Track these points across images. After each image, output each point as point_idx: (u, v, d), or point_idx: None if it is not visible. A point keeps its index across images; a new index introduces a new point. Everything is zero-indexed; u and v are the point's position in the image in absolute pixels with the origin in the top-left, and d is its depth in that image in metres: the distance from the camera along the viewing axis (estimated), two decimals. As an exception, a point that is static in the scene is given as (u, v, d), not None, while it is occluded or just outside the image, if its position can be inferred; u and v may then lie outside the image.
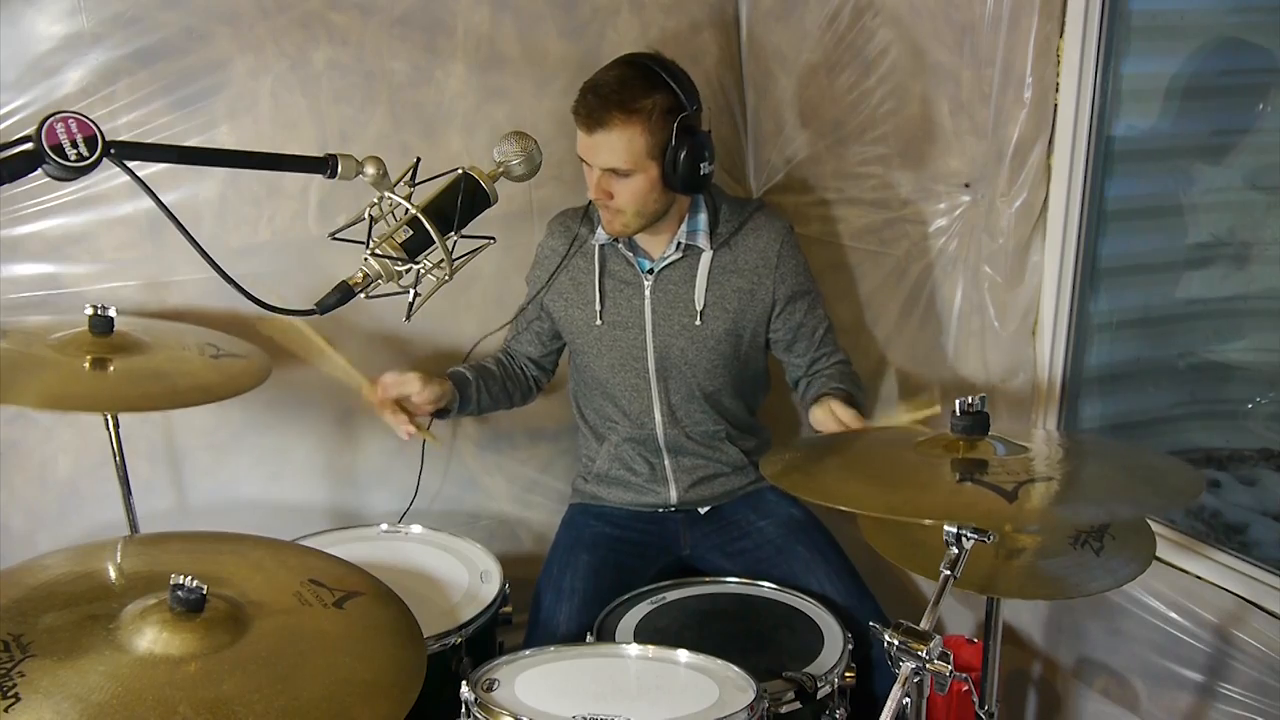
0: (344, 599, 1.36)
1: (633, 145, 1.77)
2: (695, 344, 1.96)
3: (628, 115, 1.76)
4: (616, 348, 1.98)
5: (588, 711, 1.40)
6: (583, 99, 1.79)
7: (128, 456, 1.85)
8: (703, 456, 2.05)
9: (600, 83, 1.79)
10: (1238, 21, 1.91)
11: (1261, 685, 1.63)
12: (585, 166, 1.85)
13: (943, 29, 1.96)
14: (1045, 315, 1.92)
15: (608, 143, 1.77)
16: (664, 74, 1.80)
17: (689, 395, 2.00)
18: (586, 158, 1.82)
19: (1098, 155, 1.83)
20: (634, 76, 1.79)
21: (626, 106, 1.76)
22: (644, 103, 1.76)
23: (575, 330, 2.02)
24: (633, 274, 1.96)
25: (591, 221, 2.00)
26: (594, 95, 1.78)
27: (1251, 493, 1.89)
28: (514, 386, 2.10)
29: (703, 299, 1.94)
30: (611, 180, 1.81)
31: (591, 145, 1.80)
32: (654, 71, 1.80)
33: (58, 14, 1.91)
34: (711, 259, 1.93)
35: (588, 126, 1.78)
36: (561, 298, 2.03)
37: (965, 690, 1.37)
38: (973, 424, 1.43)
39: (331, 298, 1.25)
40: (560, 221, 2.07)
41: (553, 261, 2.03)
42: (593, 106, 1.77)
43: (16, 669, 1.11)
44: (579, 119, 1.80)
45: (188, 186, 2.05)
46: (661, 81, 1.79)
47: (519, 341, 2.13)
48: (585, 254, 2.00)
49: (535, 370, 2.14)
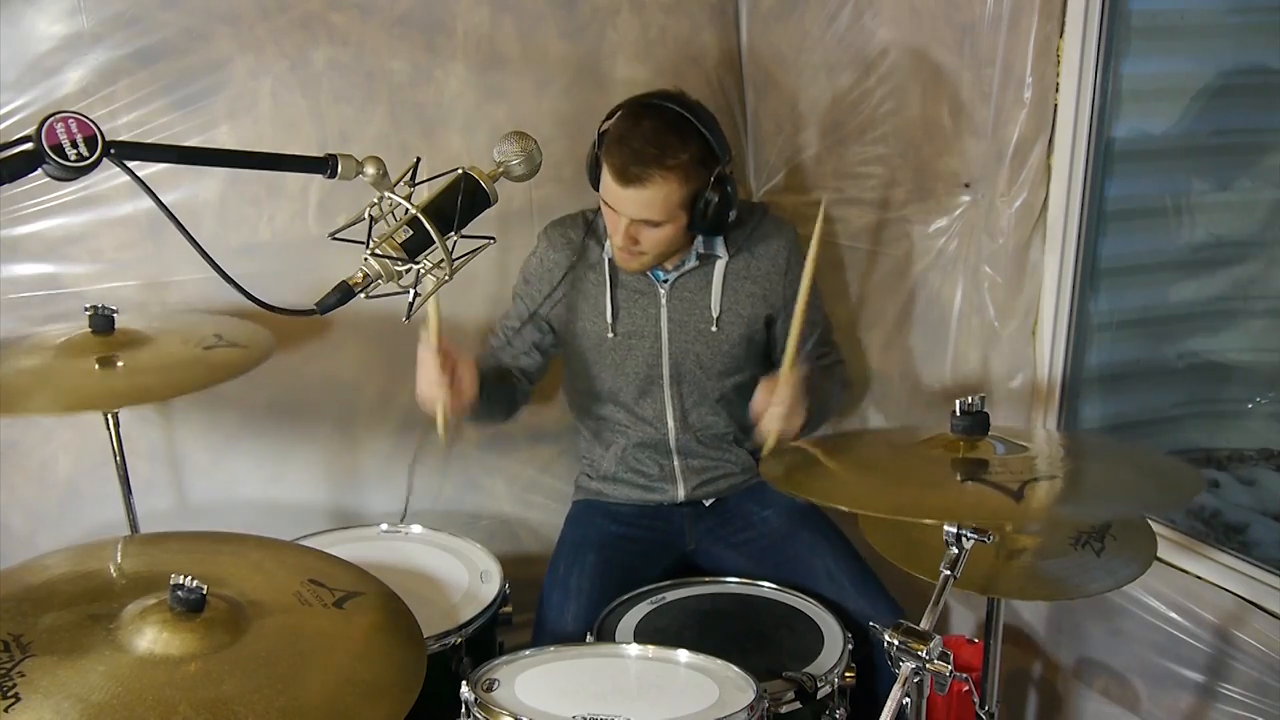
0: (344, 599, 1.36)
1: (668, 200, 1.75)
2: (710, 349, 1.96)
3: (666, 172, 1.73)
4: (631, 357, 1.98)
5: (588, 711, 1.40)
6: (617, 153, 1.74)
7: (128, 456, 1.85)
8: (711, 458, 2.06)
9: (636, 137, 1.73)
10: (1238, 22, 1.91)
11: (1261, 685, 1.63)
12: (608, 210, 1.82)
13: (943, 29, 1.96)
14: (1045, 315, 1.92)
15: (642, 198, 1.74)
16: (696, 121, 1.76)
17: (702, 399, 2.01)
18: (616, 207, 1.78)
19: (1098, 155, 1.83)
20: (669, 128, 1.74)
21: (664, 164, 1.72)
22: (681, 157, 1.73)
23: (585, 343, 1.99)
24: (647, 284, 1.95)
25: (596, 233, 1.97)
26: (630, 151, 1.72)
27: (1251, 493, 1.89)
28: (506, 395, 2.02)
29: (719, 305, 1.94)
30: (640, 228, 1.79)
31: (624, 198, 1.76)
32: (687, 121, 1.76)
33: (58, 14, 1.91)
34: (726, 266, 1.94)
35: (623, 181, 1.74)
36: (569, 311, 1.99)
37: (965, 690, 1.37)
38: (973, 424, 1.44)
39: (331, 298, 1.25)
40: (559, 233, 2.01)
41: (554, 275, 1.98)
42: (629, 163, 1.72)
43: (16, 669, 1.11)
44: (612, 171, 1.75)
45: (188, 186, 2.05)
46: (695, 131, 1.76)
47: (510, 354, 2.04)
48: (592, 266, 1.97)
49: (526, 382, 2.07)
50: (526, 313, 2.02)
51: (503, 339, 2.06)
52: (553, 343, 2.06)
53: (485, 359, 2.03)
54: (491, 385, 1.91)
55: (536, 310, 2.00)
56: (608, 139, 1.78)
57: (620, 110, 1.81)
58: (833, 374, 2.05)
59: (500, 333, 2.07)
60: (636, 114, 1.78)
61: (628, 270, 1.91)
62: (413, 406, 2.33)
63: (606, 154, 1.77)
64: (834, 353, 2.07)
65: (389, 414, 2.33)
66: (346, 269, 1.28)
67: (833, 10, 2.19)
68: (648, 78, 2.36)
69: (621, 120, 1.79)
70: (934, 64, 2.00)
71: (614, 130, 1.78)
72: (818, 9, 2.23)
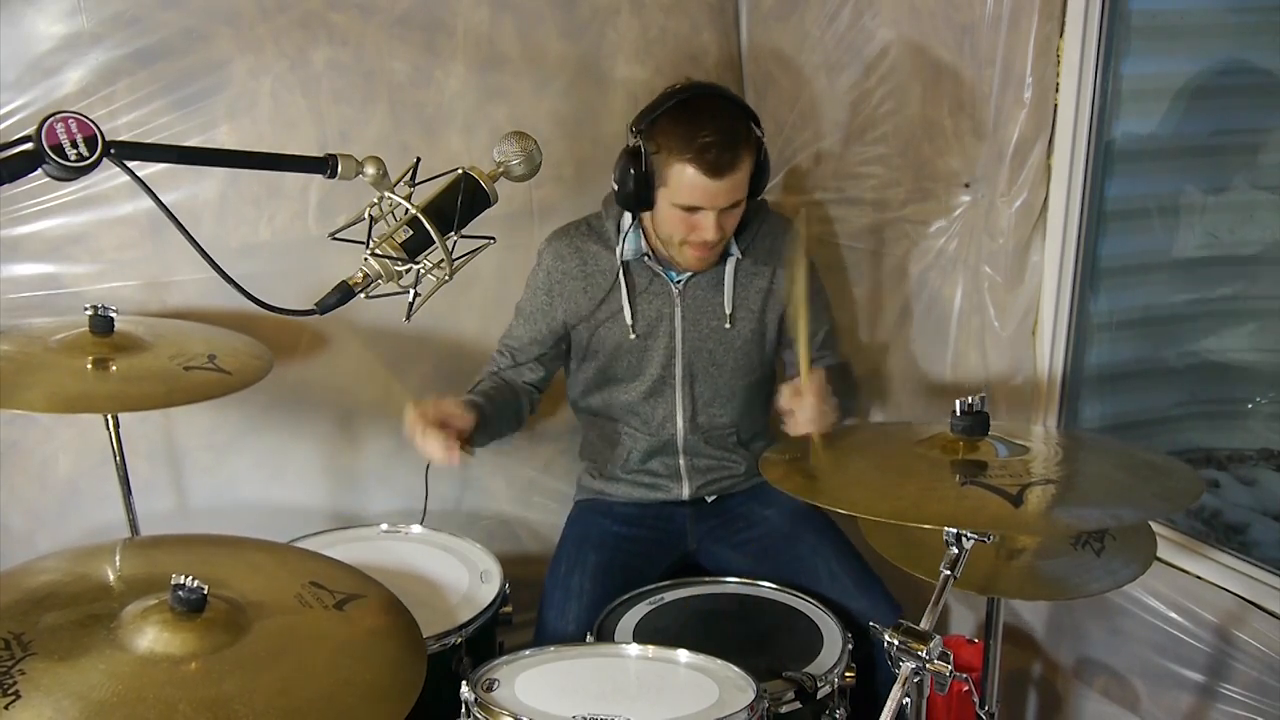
0: (344, 601, 1.36)
1: (747, 175, 1.79)
2: (723, 346, 1.97)
3: (748, 147, 1.77)
4: (648, 358, 1.98)
5: (588, 711, 1.40)
6: (701, 151, 1.72)
7: (128, 456, 1.85)
8: (716, 457, 2.07)
9: (708, 129, 1.73)
10: (1238, 22, 1.91)
11: (1261, 685, 1.63)
12: (686, 214, 1.79)
13: (943, 29, 1.96)
14: (1045, 315, 1.92)
15: (735, 181, 1.76)
16: (729, 95, 1.82)
17: (713, 398, 2.01)
18: (708, 203, 1.77)
19: (1098, 155, 1.84)
20: (724, 110, 1.77)
21: (744, 142, 1.76)
22: (748, 130, 1.77)
23: (604, 348, 1.98)
24: (661, 284, 1.95)
25: (603, 239, 1.95)
26: (714, 144, 1.72)
27: (1251, 493, 1.89)
28: (510, 413, 1.98)
29: (731, 302, 1.94)
30: (728, 215, 1.81)
31: (718, 190, 1.75)
32: (728, 98, 1.81)
33: (58, 14, 1.91)
34: (737, 263, 1.94)
35: (717, 174, 1.73)
36: (588, 319, 1.96)
37: (965, 690, 1.37)
38: (973, 424, 1.43)
39: (331, 298, 1.25)
40: (567, 243, 1.97)
41: (566, 285, 1.96)
42: (721, 152, 1.72)
43: (17, 667, 1.11)
44: (704, 169, 1.72)
45: (188, 186, 2.05)
46: (735, 103, 1.81)
47: (516, 372, 2.02)
48: (604, 272, 1.95)
49: (535, 393, 2.05)
50: (535, 329, 2.00)
51: (509, 358, 2.03)
52: (561, 353, 2.05)
53: (485, 380, 2.00)
54: (493, 411, 1.88)
55: (552, 324, 1.98)
56: (670, 147, 1.75)
57: (656, 119, 1.78)
58: (846, 375, 2.04)
59: (506, 352, 2.04)
60: (687, 113, 1.76)
61: (700, 269, 1.91)
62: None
63: (684, 157, 1.73)
64: (836, 356, 2.07)
65: (389, 414, 2.32)
66: (346, 269, 1.28)
67: (833, 10, 2.19)
68: (648, 78, 2.36)
69: (674, 124, 1.76)
70: (934, 64, 2.00)
71: (673, 137, 1.75)
72: (818, 9, 2.23)
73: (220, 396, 1.74)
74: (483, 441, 1.86)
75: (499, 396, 1.95)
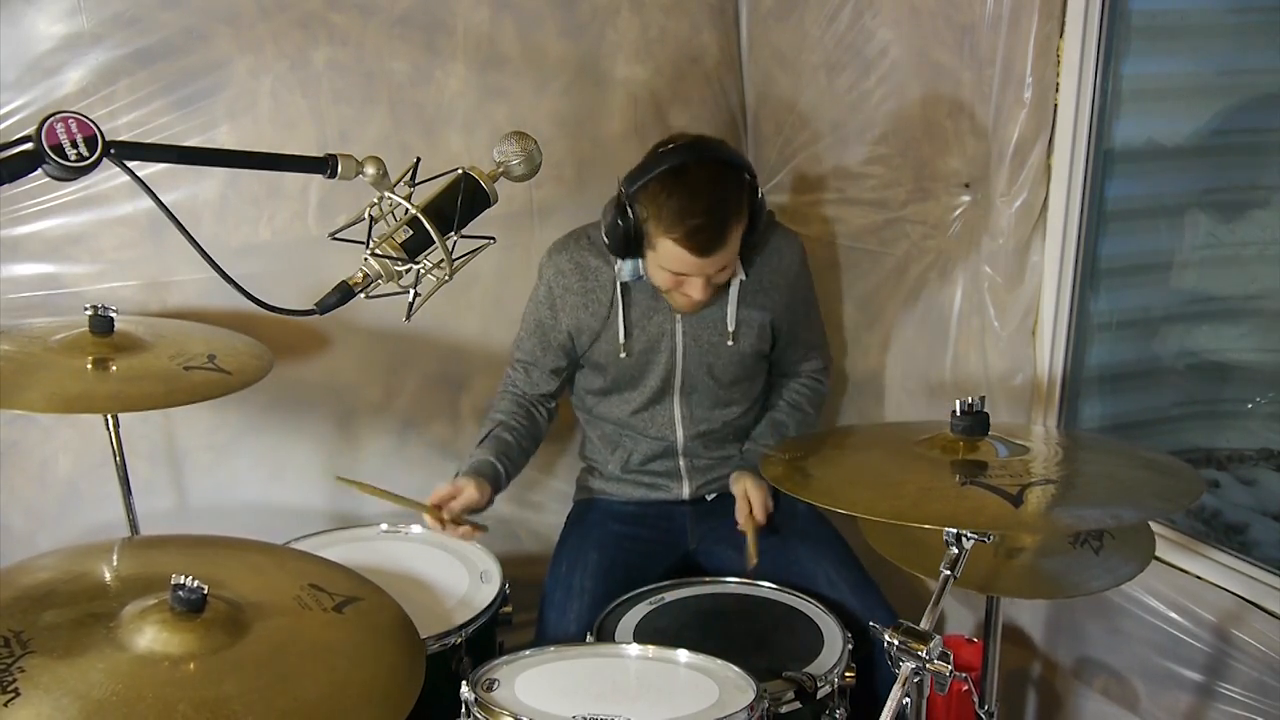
0: (344, 604, 1.36)
1: (738, 239, 1.78)
2: (722, 361, 1.97)
3: (735, 224, 1.75)
4: (646, 373, 1.98)
5: (588, 711, 1.40)
6: (687, 231, 1.70)
7: (128, 456, 1.85)
8: (715, 457, 2.07)
9: (698, 211, 1.70)
10: (1238, 21, 1.91)
11: (1261, 685, 1.63)
12: (673, 276, 1.79)
13: (943, 29, 1.96)
14: (1045, 315, 1.92)
15: (722, 257, 1.76)
16: (724, 159, 1.75)
17: (711, 406, 2.02)
18: (692, 273, 1.76)
19: (1098, 155, 1.83)
20: (717, 185, 1.73)
21: (732, 220, 1.73)
22: (738, 204, 1.74)
23: (600, 362, 1.99)
24: (661, 301, 1.93)
25: (603, 253, 1.93)
26: (701, 226, 1.70)
27: (1251, 493, 1.89)
28: (529, 443, 2.01)
29: (734, 320, 1.94)
30: (718, 274, 1.81)
31: (703, 265, 1.74)
32: (723, 167, 1.74)
33: (58, 14, 1.91)
34: (741, 282, 1.93)
35: (706, 253, 1.72)
36: (588, 331, 1.96)
37: (965, 690, 1.37)
38: (973, 424, 1.43)
39: (331, 298, 1.25)
40: (568, 257, 1.95)
41: (567, 300, 1.95)
42: (707, 234, 1.71)
43: (16, 664, 1.11)
44: (690, 248, 1.71)
45: (188, 186, 2.05)
46: (729, 170, 1.75)
47: (532, 384, 2.03)
48: (604, 287, 1.94)
49: (551, 403, 2.07)
50: (543, 341, 2.00)
51: (523, 373, 2.04)
52: (571, 363, 2.04)
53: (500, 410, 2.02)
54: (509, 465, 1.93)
55: (559, 336, 1.98)
56: (659, 219, 1.72)
57: (647, 182, 1.74)
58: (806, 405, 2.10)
59: (519, 367, 2.05)
60: (677, 184, 1.72)
61: (685, 312, 1.92)
62: (413, 406, 2.35)
63: (671, 235, 1.71)
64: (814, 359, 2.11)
65: (389, 414, 2.33)
66: (346, 269, 1.28)
67: (833, 10, 2.19)
68: (648, 78, 2.36)
69: (665, 195, 1.72)
70: (934, 64, 2.00)
71: (663, 209, 1.72)
72: (818, 9, 2.23)
73: (220, 396, 1.74)
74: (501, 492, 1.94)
75: (514, 436, 1.97)
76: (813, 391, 2.10)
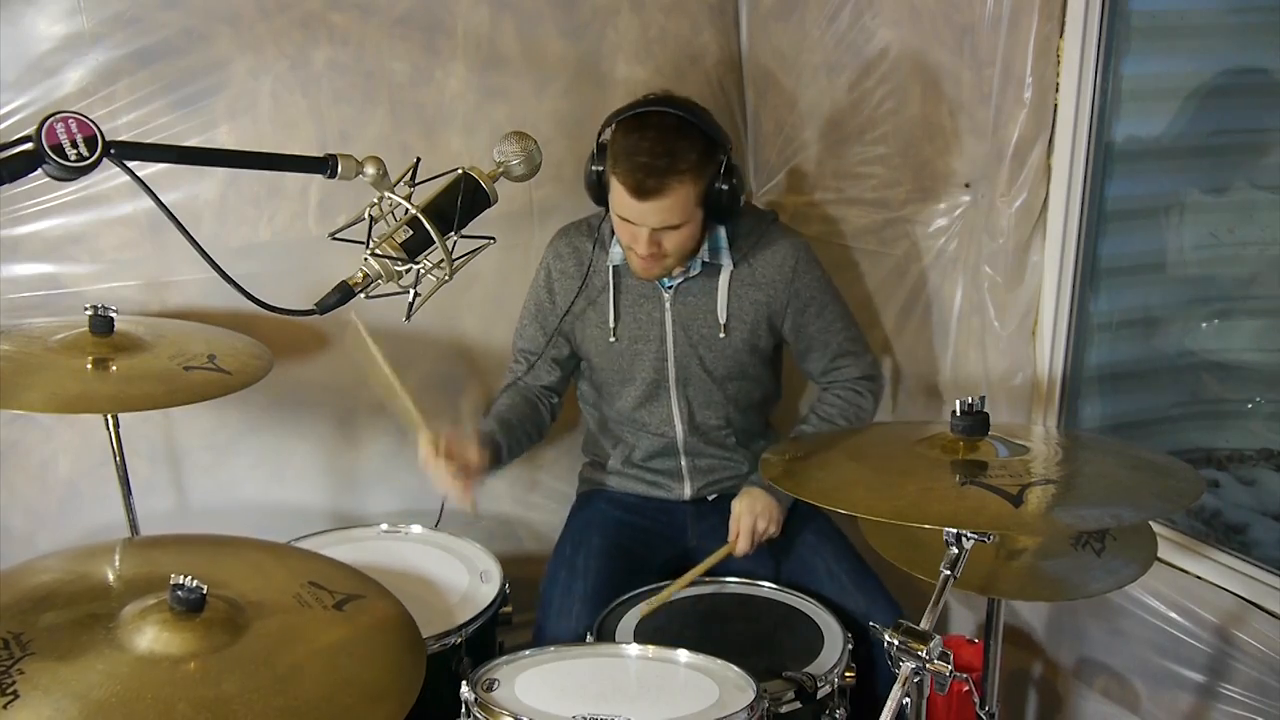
0: (344, 601, 1.36)
1: (686, 201, 1.76)
2: (714, 353, 1.97)
3: (681, 176, 1.73)
4: (637, 362, 1.98)
5: (588, 711, 1.40)
6: (629, 169, 1.72)
7: (128, 456, 1.85)
8: (717, 457, 2.07)
9: (643, 150, 1.72)
10: (1238, 21, 1.91)
11: (1261, 685, 1.63)
12: (623, 224, 1.80)
13: (943, 29, 1.96)
14: (1045, 315, 1.92)
15: (662, 206, 1.74)
16: (693, 119, 1.76)
17: (708, 402, 2.01)
18: (636, 220, 1.76)
19: (1098, 155, 1.84)
20: (672, 132, 1.74)
21: (678, 169, 1.73)
22: (690, 158, 1.74)
23: (592, 349, 2.00)
24: (651, 289, 1.95)
25: (600, 240, 1.96)
26: (642, 165, 1.71)
27: (1251, 493, 1.89)
28: (531, 428, 2.02)
29: (725, 312, 1.94)
30: (663, 234, 1.79)
31: (644, 211, 1.75)
32: (686, 121, 1.75)
33: (58, 14, 1.91)
34: (731, 273, 1.93)
35: (640, 195, 1.72)
36: (580, 319, 1.99)
37: (965, 690, 1.37)
38: (973, 424, 1.43)
39: (331, 298, 1.25)
40: (567, 243, 2.00)
41: (564, 284, 1.98)
42: (645, 176, 1.72)
43: (16, 666, 1.11)
44: (628, 188, 1.73)
45: (188, 186, 2.05)
46: (695, 128, 1.76)
47: (534, 375, 2.05)
48: (598, 273, 1.97)
49: (554, 398, 2.08)
50: (544, 331, 2.01)
51: (524, 364, 2.05)
52: (569, 354, 2.06)
53: (503, 397, 2.03)
54: (509, 438, 1.92)
55: (556, 326, 2.00)
56: (612, 156, 1.77)
57: (615, 123, 1.80)
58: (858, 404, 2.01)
59: (521, 358, 2.06)
60: (635, 125, 1.76)
61: (649, 278, 1.90)
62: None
63: (616, 171, 1.75)
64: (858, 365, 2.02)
65: (389, 414, 2.32)
66: (346, 269, 1.28)
67: (833, 10, 2.19)
68: (648, 78, 2.36)
69: (622, 134, 1.77)
70: (934, 64, 2.00)
71: (616, 146, 1.77)
72: (818, 9, 2.23)
73: (220, 396, 1.74)
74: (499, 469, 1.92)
75: (515, 416, 1.97)
76: (847, 403, 2.01)
